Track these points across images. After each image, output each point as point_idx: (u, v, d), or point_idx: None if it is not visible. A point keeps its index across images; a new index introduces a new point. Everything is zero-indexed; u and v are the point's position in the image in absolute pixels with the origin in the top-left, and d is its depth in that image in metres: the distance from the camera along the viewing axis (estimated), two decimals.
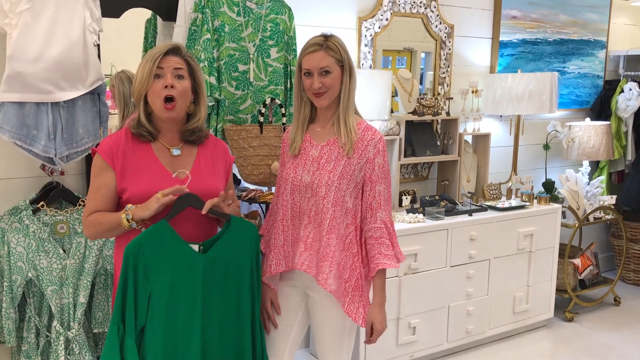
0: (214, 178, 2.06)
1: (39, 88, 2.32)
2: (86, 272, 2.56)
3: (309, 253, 2.11)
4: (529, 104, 3.87)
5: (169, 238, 1.87)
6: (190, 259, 1.90)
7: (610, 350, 3.74)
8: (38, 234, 2.49)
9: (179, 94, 1.94)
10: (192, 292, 1.90)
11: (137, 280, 1.84)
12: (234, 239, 1.98)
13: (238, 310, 2.00)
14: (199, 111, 2.04)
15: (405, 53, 3.77)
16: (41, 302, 2.58)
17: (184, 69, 1.97)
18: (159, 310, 1.87)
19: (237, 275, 2.00)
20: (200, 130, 2.06)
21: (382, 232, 2.13)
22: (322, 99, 2.08)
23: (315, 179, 2.09)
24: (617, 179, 4.95)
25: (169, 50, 1.97)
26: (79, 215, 2.58)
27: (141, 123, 1.97)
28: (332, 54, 2.05)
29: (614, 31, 4.88)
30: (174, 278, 1.88)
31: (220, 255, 1.95)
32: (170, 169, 1.99)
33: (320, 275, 2.07)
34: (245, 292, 2.02)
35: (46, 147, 2.38)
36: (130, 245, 1.84)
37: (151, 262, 1.85)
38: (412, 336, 3.35)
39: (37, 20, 2.31)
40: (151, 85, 1.93)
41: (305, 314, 2.25)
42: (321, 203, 2.08)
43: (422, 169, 3.97)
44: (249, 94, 2.76)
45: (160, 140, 2.02)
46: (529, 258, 3.82)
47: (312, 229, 2.11)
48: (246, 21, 2.72)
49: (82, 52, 2.38)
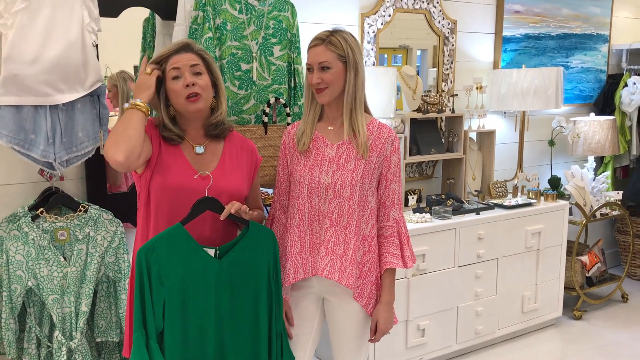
0: (238, 178, 2.01)
1: (37, 90, 2.23)
2: (88, 280, 2.48)
3: (331, 258, 2.03)
4: (535, 100, 3.81)
5: (184, 242, 1.81)
6: (205, 263, 1.83)
7: (622, 348, 3.68)
8: (38, 241, 2.40)
9: (202, 89, 1.92)
10: (204, 298, 1.84)
11: (152, 285, 1.79)
12: (251, 245, 1.91)
13: (255, 321, 1.92)
14: (220, 104, 2.02)
15: (401, 51, 3.70)
16: (42, 311, 2.49)
17: (200, 64, 1.95)
18: (174, 315, 1.81)
19: (254, 284, 1.92)
20: (223, 123, 2.03)
21: (393, 231, 2.10)
22: (322, 95, 2.02)
23: (338, 180, 2.02)
24: (622, 174, 4.90)
25: (180, 48, 1.94)
26: (79, 221, 2.50)
27: (166, 126, 1.94)
28: (333, 49, 1.99)
29: (616, 25, 4.83)
30: (186, 283, 1.81)
31: (236, 262, 1.88)
32: (195, 166, 1.96)
33: (345, 279, 2.01)
34: (263, 302, 1.94)
35: (45, 152, 2.29)
36: (143, 248, 1.79)
37: (165, 266, 1.79)
38: (422, 338, 3.28)
39: (34, 20, 2.22)
40: (170, 86, 1.93)
41: (321, 321, 2.18)
42: (346, 204, 2.01)
43: (427, 167, 3.90)
44: (252, 94, 2.69)
45: (187, 139, 2.00)
46: (537, 256, 3.76)
47: (334, 232, 2.03)
48: (248, 19, 2.65)
49: (81, 52, 2.29)
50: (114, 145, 1.78)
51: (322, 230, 2.04)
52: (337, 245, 2.02)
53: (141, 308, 1.78)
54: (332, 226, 2.03)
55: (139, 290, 1.78)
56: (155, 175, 1.91)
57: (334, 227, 2.03)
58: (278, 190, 2.18)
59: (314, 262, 2.06)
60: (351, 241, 2.01)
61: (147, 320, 1.78)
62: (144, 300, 1.78)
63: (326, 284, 2.08)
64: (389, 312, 2.10)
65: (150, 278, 1.79)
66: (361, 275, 2.05)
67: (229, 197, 1.93)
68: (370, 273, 2.07)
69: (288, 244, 2.08)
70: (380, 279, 2.11)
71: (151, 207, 1.93)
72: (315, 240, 2.06)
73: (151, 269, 1.79)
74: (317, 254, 2.05)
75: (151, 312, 1.78)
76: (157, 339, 1.80)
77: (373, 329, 2.11)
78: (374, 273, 2.08)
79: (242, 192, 2.00)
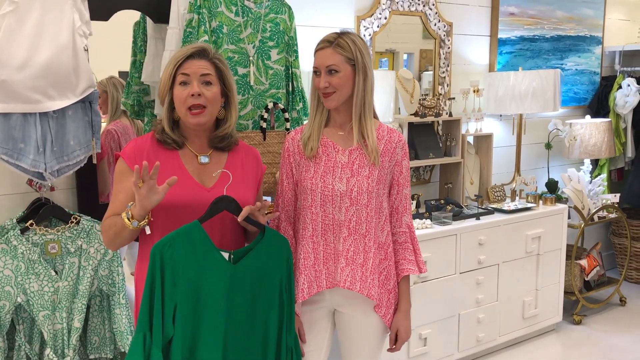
0: (244, 188, 1.92)
1: (26, 97, 2.12)
2: (80, 295, 2.37)
3: (351, 268, 1.94)
4: (533, 102, 3.76)
5: (201, 242, 1.71)
6: (219, 266, 1.73)
7: (624, 353, 3.64)
8: (27, 255, 2.29)
9: (208, 102, 1.81)
10: (215, 307, 1.73)
11: (164, 285, 1.67)
12: (266, 253, 1.81)
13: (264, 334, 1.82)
14: (230, 116, 1.92)
15: (388, 55, 3.63)
16: (32, 328, 2.38)
17: (212, 74, 1.84)
18: (186, 322, 1.70)
19: (267, 292, 1.82)
20: (230, 136, 1.93)
21: (406, 237, 2.06)
22: (330, 100, 1.94)
23: (354, 187, 1.93)
24: (617, 176, 4.88)
25: (194, 53, 1.83)
26: (71, 233, 2.39)
27: (165, 132, 1.83)
28: (341, 52, 1.91)
29: (609, 27, 4.81)
30: (200, 288, 1.71)
31: (250, 269, 1.78)
32: (198, 177, 1.86)
33: (367, 290, 1.93)
34: (274, 315, 1.84)
35: (35, 162, 2.18)
36: (159, 244, 1.67)
37: (179, 265, 1.68)
38: (424, 347, 3.21)
39: (22, 23, 2.11)
40: (175, 91, 1.81)
41: (332, 334, 2.10)
42: (364, 212, 1.93)
43: (424, 172, 3.83)
44: (250, 99, 2.60)
45: (188, 146, 1.89)
46: (537, 261, 3.70)
47: (353, 241, 1.95)
48: (245, 21, 2.56)
49: (72, 57, 2.19)
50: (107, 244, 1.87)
51: (339, 240, 1.96)
52: (357, 254, 1.95)
53: (149, 308, 1.65)
54: (350, 235, 1.95)
55: (150, 288, 1.66)
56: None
57: (352, 236, 1.95)
58: (282, 200, 2.08)
59: (328, 274, 1.98)
60: (371, 250, 1.95)
61: (154, 323, 1.65)
62: (153, 299, 1.65)
63: (342, 295, 2.00)
64: (408, 320, 2.05)
65: (163, 277, 1.67)
66: (379, 285, 1.99)
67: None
68: (387, 281, 2.01)
69: (301, 256, 1.99)
70: (397, 287, 2.05)
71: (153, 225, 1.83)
72: (330, 251, 1.98)
73: (165, 268, 1.67)
74: (332, 265, 1.97)
75: (160, 314, 1.66)
76: (164, 347, 1.67)
77: (393, 338, 2.05)
78: (391, 281, 2.02)
79: (249, 203, 1.90)
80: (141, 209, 1.70)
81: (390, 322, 2.04)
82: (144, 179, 1.66)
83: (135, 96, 2.71)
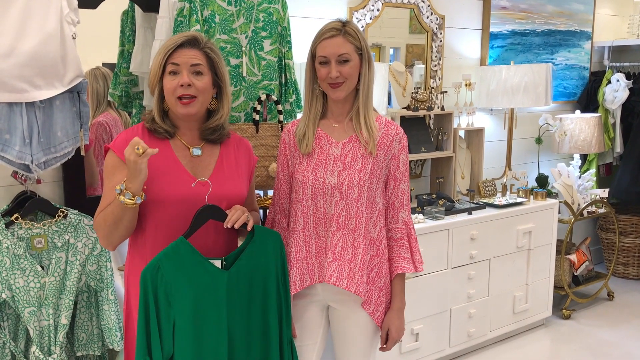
0: (237, 181, 1.87)
1: (12, 86, 2.04)
2: (68, 291, 2.31)
3: (339, 263, 1.90)
4: (524, 97, 3.75)
5: (189, 256, 1.67)
6: (213, 277, 1.69)
7: (612, 347, 3.65)
8: (12, 249, 2.22)
9: (198, 92, 1.75)
10: (217, 313, 1.70)
11: (159, 307, 1.63)
12: (259, 250, 1.78)
13: (265, 327, 1.80)
14: (222, 107, 1.85)
15: (374, 49, 3.59)
16: (17, 325, 2.31)
17: (203, 64, 1.78)
18: (186, 337, 1.66)
19: (263, 289, 1.79)
20: (222, 128, 1.86)
21: (402, 234, 2.00)
22: (339, 90, 1.88)
23: (345, 180, 1.89)
24: (606, 171, 4.89)
25: (185, 42, 1.77)
26: (58, 227, 2.32)
27: (155, 121, 1.76)
28: (352, 41, 1.86)
29: (598, 22, 4.81)
30: (197, 300, 1.67)
31: (245, 268, 1.75)
32: (191, 170, 1.80)
33: (354, 286, 1.88)
34: (272, 307, 1.81)
35: (21, 153, 2.11)
36: (148, 268, 1.63)
37: (172, 285, 1.65)
38: (415, 343, 3.18)
39: (7, 10, 2.03)
40: (165, 81, 1.75)
41: (326, 330, 2.06)
42: (354, 206, 1.88)
43: (416, 166, 3.80)
44: (242, 90, 2.54)
45: (180, 138, 1.83)
46: (527, 256, 3.70)
47: (342, 235, 1.90)
48: (237, 11, 2.50)
49: (60, 45, 2.11)
50: (105, 240, 1.76)
51: (329, 234, 1.92)
52: (345, 250, 1.90)
53: (145, 333, 1.62)
54: (339, 230, 1.90)
55: (144, 313, 1.63)
56: (146, 190, 1.72)
57: (341, 230, 1.90)
58: (277, 193, 2.04)
59: (320, 268, 1.93)
60: (360, 245, 1.89)
61: (152, 347, 1.62)
62: (148, 324, 1.63)
63: (332, 291, 1.96)
64: (400, 319, 2.00)
65: (157, 299, 1.64)
66: (369, 281, 1.94)
67: (229, 203, 1.80)
68: (378, 279, 1.96)
69: (292, 249, 1.95)
70: (389, 285, 2.00)
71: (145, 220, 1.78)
72: (321, 245, 1.93)
73: (158, 290, 1.64)
74: (323, 259, 1.93)
75: (157, 337, 1.63)
76: None
77: (384, 337, 2.00)
78: (382, 278, 1.97)
79: (243, 197, 1.86)
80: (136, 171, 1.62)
81: (380, 321, 1.99)
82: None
83: (123, 87, 2.64)
